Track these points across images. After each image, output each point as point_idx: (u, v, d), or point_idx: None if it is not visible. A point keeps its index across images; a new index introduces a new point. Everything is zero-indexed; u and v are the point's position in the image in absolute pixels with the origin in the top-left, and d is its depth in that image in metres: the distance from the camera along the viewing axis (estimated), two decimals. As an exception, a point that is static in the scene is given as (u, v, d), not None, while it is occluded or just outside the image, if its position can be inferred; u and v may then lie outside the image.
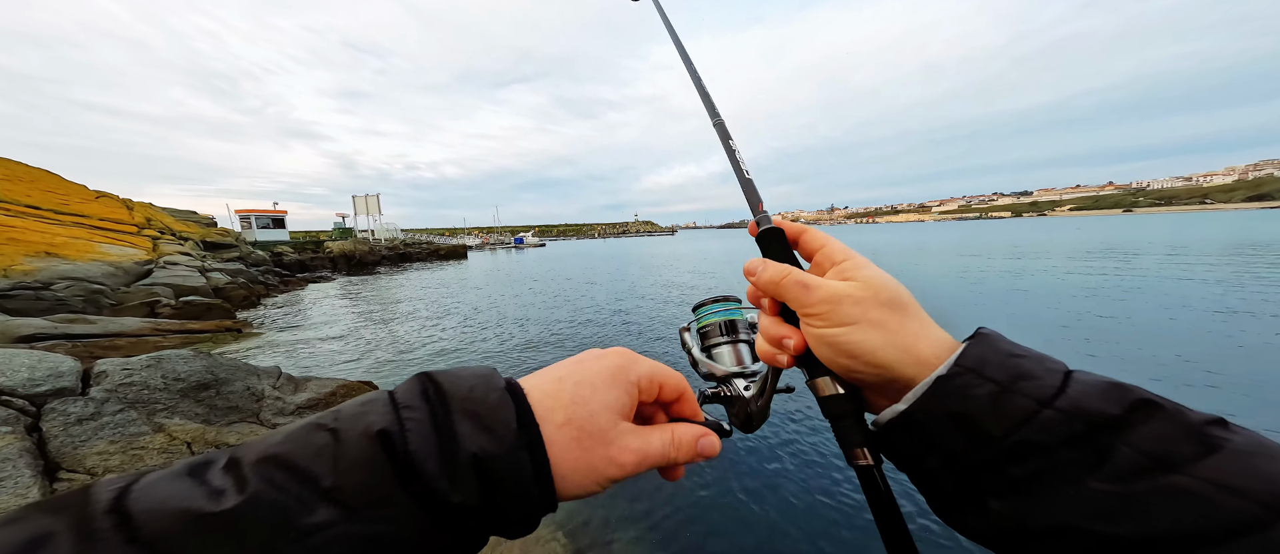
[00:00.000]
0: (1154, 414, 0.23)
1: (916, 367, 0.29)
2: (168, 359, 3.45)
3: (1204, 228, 43.47)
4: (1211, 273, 12.50)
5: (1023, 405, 0.25)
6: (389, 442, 0.22)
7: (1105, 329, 7.09)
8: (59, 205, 17.15)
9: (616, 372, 0.30)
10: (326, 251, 28.71)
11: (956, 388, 0.27)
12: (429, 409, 0.24)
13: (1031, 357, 0.27)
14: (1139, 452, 0.22)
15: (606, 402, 0.28)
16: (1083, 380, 0.25)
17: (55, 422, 2.69)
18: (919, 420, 0.28)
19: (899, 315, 0.30)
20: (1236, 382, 4.81)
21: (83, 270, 10.81)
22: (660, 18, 0.61)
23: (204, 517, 0.18)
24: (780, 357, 0.34)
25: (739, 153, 0.43)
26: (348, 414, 0.24)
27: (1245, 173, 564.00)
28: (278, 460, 0.21)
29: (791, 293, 0.33)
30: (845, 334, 0.30)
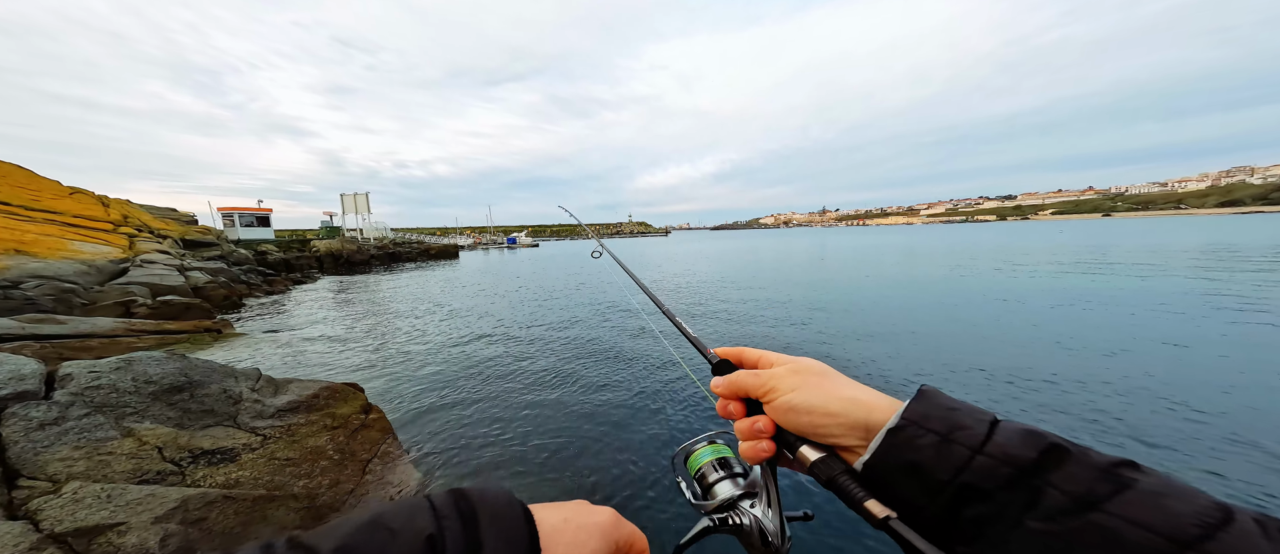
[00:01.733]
0: (1064, 457, 0.26)
1: (865, 411, 0.34)
2: (139, 361, 3.32)
3: (1180, 234, 44.95)
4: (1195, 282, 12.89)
5: (959, 453, 0.28)
6: (433, 545, 0.27)
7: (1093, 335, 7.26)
8: (29, 201, 16.51)
9: (608, 528, 0.36)
10: (313, 251, 28.11)
11: (905, 439, 0.31)
12: (462, 520, 0.29)
13: (964, 408, 0.31)
14: (1062, 492, 0.25)
15: (595, 550, 0.34)
16: (1005, 428, 0.29)
17: (15, 427, 2.56)
18: (879, 471, 0.32)
19: (831, 377, 0.39)
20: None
21: (54, 269, 10.42)
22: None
23: None
24: (761, 444, 0.39)
25: (683, 324, 0.57)
26: (402, 517, 0.29)
27: (1218, 179, 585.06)
28: (350, 550, 0.25)
29: (747, 383, 0.42)
30: (797, 396, 0.38)
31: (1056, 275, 13.90)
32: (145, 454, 2.70)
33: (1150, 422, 4.04)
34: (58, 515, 2.10)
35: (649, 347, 7.17)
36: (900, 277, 15.09)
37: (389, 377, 6.15)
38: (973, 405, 0.32)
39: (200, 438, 2.99)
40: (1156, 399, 4.46)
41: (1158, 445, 3.66)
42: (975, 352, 6.32)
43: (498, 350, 7.36)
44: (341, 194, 38.41)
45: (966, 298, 10.72)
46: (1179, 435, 3.78)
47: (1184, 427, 3.92)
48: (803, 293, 12.33)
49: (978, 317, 8.57)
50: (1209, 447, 3.59)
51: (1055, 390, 4.81)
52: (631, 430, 4.24)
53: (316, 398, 3.81)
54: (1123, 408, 4.32)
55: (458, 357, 7.06)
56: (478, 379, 5.91)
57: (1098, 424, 4.04)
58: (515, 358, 6.88)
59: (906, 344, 6.86)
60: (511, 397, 5.23)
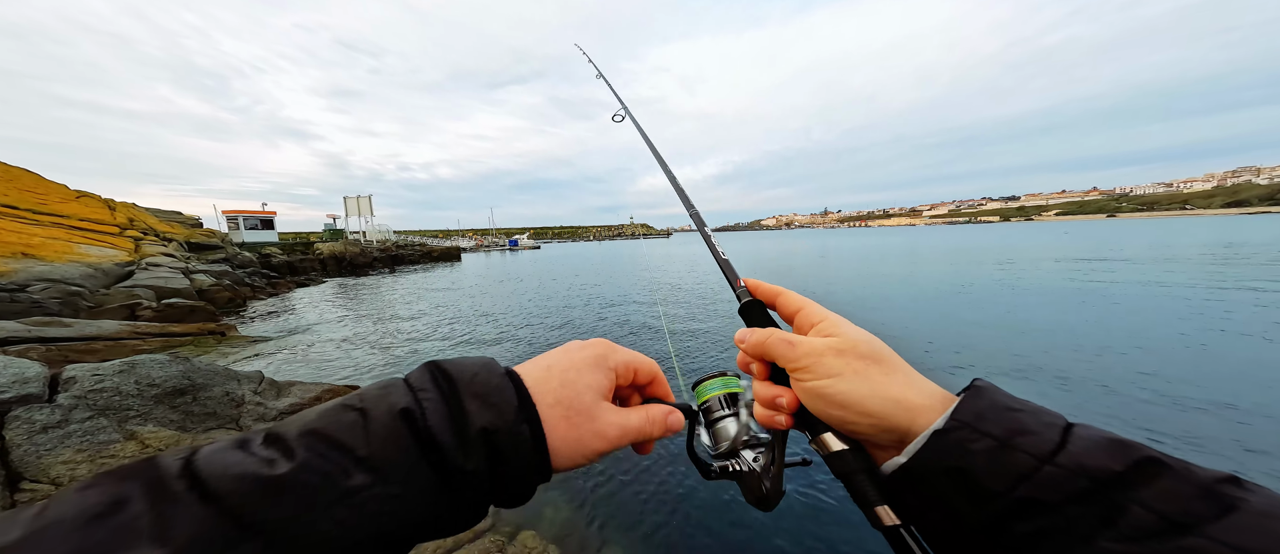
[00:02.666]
0: (1161, 472, 0.23)
1: (909, 415, 0.29)
2: (142, 364, 3.32)
3: (1190, 233, 44.56)
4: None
5: (1021, 461, 0.25)
6: (411, 418, 0.26)
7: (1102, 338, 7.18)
8: (37, 205, 16.68)
9: (598, 359, 0.34)
10: (316, 253, 28.27)
11: (954, 442, 0.27)
12: (440, 391, 0.28)
13: (1029, 410, 0.27)
14: (1152, 511, 0.21)
15: (590, 384, 0.32)
16: (1083, 436, 0.25)
17: (19, 430, 2.56)
18: (918, 474, 0.28)
19: (881, 367, 0.32)
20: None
21: (60, 271, 10.50)
22: (640, 135, 0.70)
23: (264, 479, 0.22)
24: (778, 417, 0.35)
25: (721, 248, 0.49)
26: (372, 396, 0.27)
27: (1224, 179, 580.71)
28: (318, 434, 0.24)
29: (777, 350, 0.35)
30: (831, 385, 0.32)
31: (1078, 274, 13.79)
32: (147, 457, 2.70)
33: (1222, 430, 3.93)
34: (59, 520, 2.10)
35: (653, 341, 7.14)
36: (902, 275, 15.02)
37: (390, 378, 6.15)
38: (1039, 406, 0.27)
39: (202, 441, 2.98)
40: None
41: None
42: (991, 351, 6.26)
43: (500, 350, 7.35)
44: (345, 197, 38.67)
45: (980, 295, 10.65)
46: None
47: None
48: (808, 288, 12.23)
49: (985, 315, 8.51)
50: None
51: (1111, 395, 4.74)
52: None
53: (319, 400, 3.80)
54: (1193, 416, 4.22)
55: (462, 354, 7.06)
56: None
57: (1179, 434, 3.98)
58: (518, 357, 6.86)
59: (931, 339, 6.81)
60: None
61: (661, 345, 7.26)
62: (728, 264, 0.45)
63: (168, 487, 0.21)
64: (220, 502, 0.20)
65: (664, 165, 0.64)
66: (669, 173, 0.63)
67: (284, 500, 0.21)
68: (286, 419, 0.25)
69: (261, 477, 0.22)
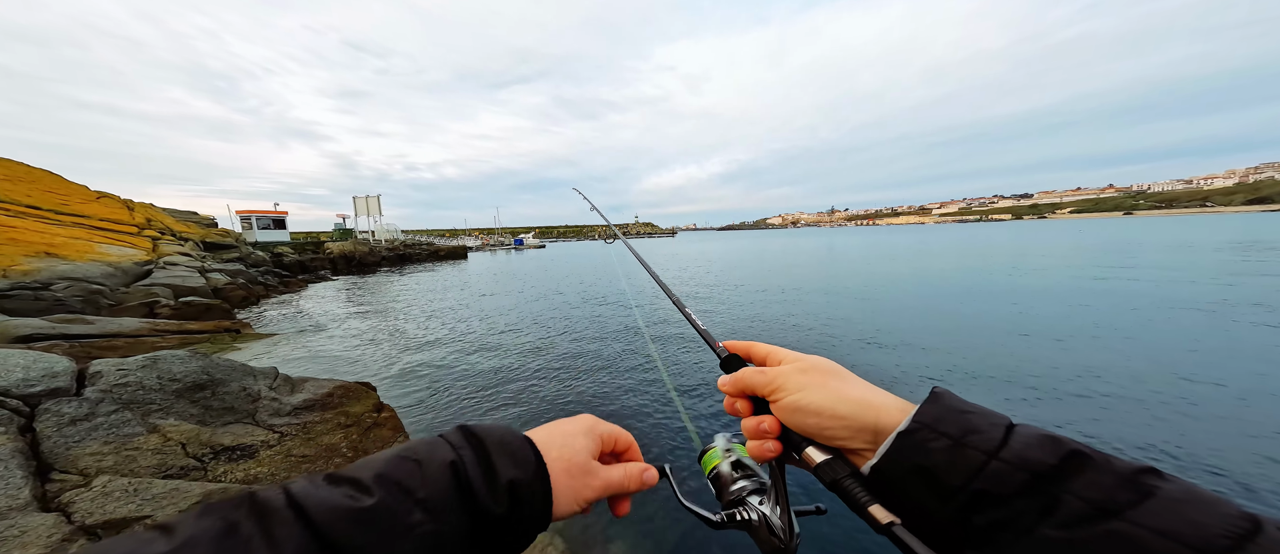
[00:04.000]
0: (1085, 463, 0.26)
1: (873, 413, 0.33)
2: (163, 359, 3.43)
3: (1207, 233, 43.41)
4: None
5: (973, 457, 0.28)
6: (455, 470, 0.32)
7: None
8: (59, 206, 17.16)
9: (588, 429, 0.41)
10: (327, 252, 28.70)
11: (916, 442, 0.30)
12: (474, 450, 0.34)
13: (979, 412, 0.31)
14: (1082, 499, 0.24)
15: (583, 447, 0.39)
16: (1022, 433, 0.28)
17: (49, 422, 2.67)
18: (889, 474, 0.32)
19: (838, 377, 0.38)
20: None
21: (82, 270, 10.81)
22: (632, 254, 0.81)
23: (352, 511, 0.26)
24: (766, 444, 0.39)
25: (693, 315, 0.55)
26: (423, 450, 0.33)
27: (1245, 176, 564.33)
28: (388, 478, 0.29)
29: (753, 381, 0.41)
30: (804, 396, 0.37)
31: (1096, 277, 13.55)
32: (170, 450, 2.80)
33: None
34: (88, 508, 2.19)
35: (655, 347, 7.18)
36: (907, 273, 14.87)
37: (400, 375, 6.25)
38: (988, 409, 0.31)
39: (221, 435, 3.08)
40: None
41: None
42: (988, 354, 6.20)
43: (506, 348, 7.43)
44: (354, 197, 39.18)
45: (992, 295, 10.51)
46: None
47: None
48: (809, 287, 12.23)
49: (993, 316, 8.41)
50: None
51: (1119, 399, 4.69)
52: (640, 419, 4.25)
53: (331, 396, 3.90)
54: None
55: (466, 355, 7.15)
56: (486, 377, 5.98)
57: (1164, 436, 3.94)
58: (522, 355, 6.94)
59: (918, 349, 6.76)
60: (520, 393, 5.29)
61: (668, 352, 7.28)
62: (707, 332, 0.51)
63: (278, 514, 0.25)
64: (318, 527, 0.25)
65: (659, 282, 0.68)
66: (664, 287, 0.66)
67: (366, 529, 0.26)
68: (353, 464, 0.31)
69: (351, 508, 0.26)
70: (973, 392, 4.74)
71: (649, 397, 5.06)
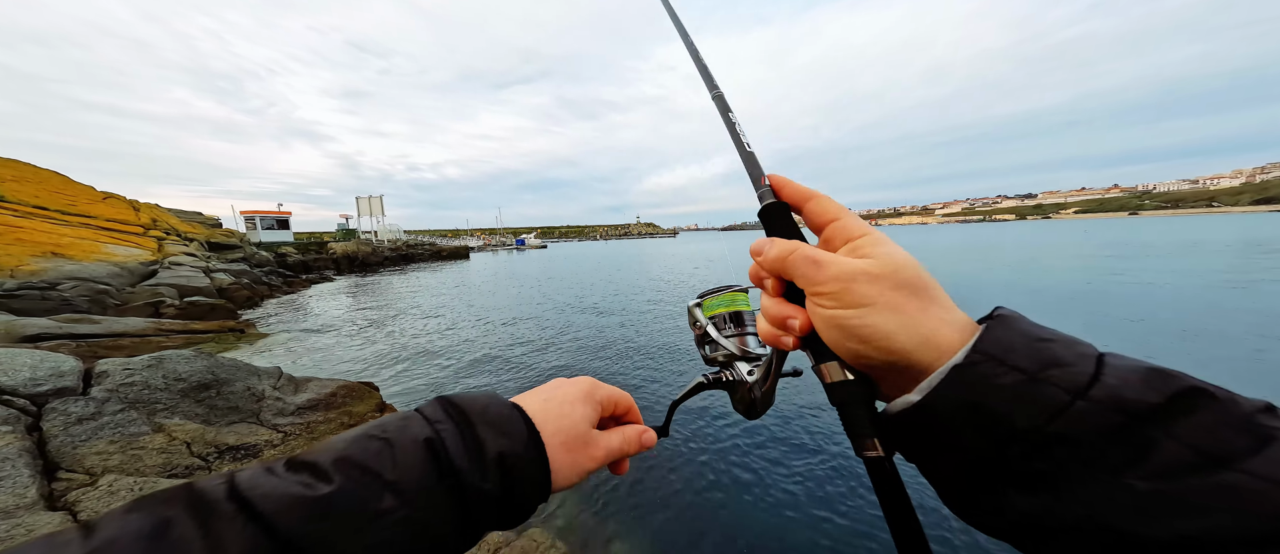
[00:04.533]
0: (1200, 403, 0.21)
1: (936, 354, 0.26)
2: (169, 359, 3.46)
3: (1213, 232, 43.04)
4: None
5: (1053, 396, 0.22)
6: (432, 447, 0.29)
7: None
8: (66, 206, 17.32)
9: (587, 394, 0.38)
10: (330, 253, 28.84)
11: (979, 377, 0.24)
12: (454, 423, 0.31)
13: (1059, 340, 0.24)
14: (1186, 445, 0.20)
15: (583, 414, 0.36)
16: (1118, 366, 0.22)
17: (55, 421, 2.69)
18: (934, 412, 0.25)
19: (920, 298, 0.27)
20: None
21: (88, 271, 10.90)
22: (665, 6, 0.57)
23: (307, 500, 0.23)
24: (785, 338, 0.32)
25: (739, 125, 0.40)
26: (394, 427, 0.30)
27: (1252, 175, 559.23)
28: (351, 461, 0.26)
29: (800, 269, 0.30)
30: (858, 316, 0.27)
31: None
32: (175, 449, 2.81)
33: None
34: (95, 507, 2.21)
35: (654, 339, 7.18)
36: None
37: (403, 375, 6.27)
38: (1069, 336, 0.25)
39: (226, 434, 3.10)
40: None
41: None
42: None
43: (506, 346, 7.44)
44: (357, 197, 39.39)
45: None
46: None
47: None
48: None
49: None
50: None
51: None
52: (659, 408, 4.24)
53: (334, 396, 3.91)
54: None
55: (469, 355, 7.17)
56: (491, 374, 6.00)
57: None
58: (524, 353, 6.95)
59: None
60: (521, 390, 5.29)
61: (650, 366, 7.26)
62: (752, 157, 0.38)
63: (217, 508, 0.22)
64: (268, 521, 0.22)
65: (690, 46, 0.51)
66: (690, 45, 0.50)
67: (325, 520, 0.23)
68: (312, 447, 0.28)
69: (305, 498, 0.23)
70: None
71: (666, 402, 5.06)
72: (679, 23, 0.52)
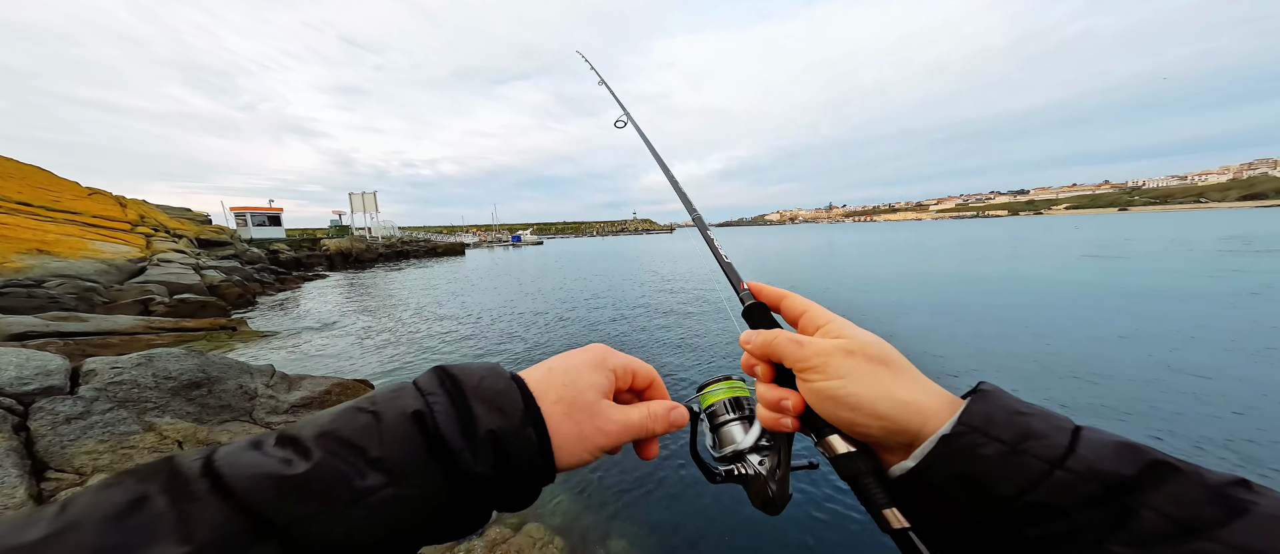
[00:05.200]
0: (1170, 475, 0.23)
1: (920, 418, 0.29)
2: (159, 357, 3.41)
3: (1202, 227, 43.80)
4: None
5: (1032, 466, 0.25)
6: (422, 421, 0.27)
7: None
8: (51, 202, 16.97)
9: (597, 360, 0.34)
10: (323, 249, 28.54)
11: (963, 447, 0.27)
12: (448, 395, 0.28)
13: (1037, 413, 0.27)
14: (1162, 515, 0.22)
15: (591, 382, 0.33)
16: (1093, 439, 0.25)
17: (43, 421, 2.65)
18: (927, 479, 0.28)
19: (890, 369, 0.32)
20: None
21: (75, 268, 10.70)
22: (642, 140, 0.72)
23: (283, 478, 0.22)
24: (783, 420, 0.34)
25: (717, 241, 0.49)
26: (383, 399, 0.28)
27: (1240, 172, 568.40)
28: (333, 436, 0.25)
29: (785, 350, 0.34)
30: (841, 386, 0.31)
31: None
32: (166, 448, 2.78)
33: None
34: (85, 506, 2.18)
35: (653, 338, 7.19)
36: (911, 271, 14.94)
37: (397, 372, 6.24)
38: (1047, 410, 0.27)
39: (218, 433, 3.07)
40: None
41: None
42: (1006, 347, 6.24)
43: (504, 344, 7.43)
44: (350, 193, 38.91)
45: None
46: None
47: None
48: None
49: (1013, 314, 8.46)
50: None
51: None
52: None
53: (328, 394, 3.88)
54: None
55: (464, 352, 7.14)
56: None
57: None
58: (521, 351, 6.94)
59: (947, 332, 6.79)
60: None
61: (651, 345, 7.29)
62: (730, 266, 0.44)
63: (189, 486, 0.21)
64: (240, 500, 0.21)
65: (664, 167, 0.67)
66: (669, 173, 0.65)
67: (303, 499, 0.22)
68: (300, 420, 0.26)
69: (281, 476, 0.22)
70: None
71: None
72: (657, 156, 0.64)
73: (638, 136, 0.80)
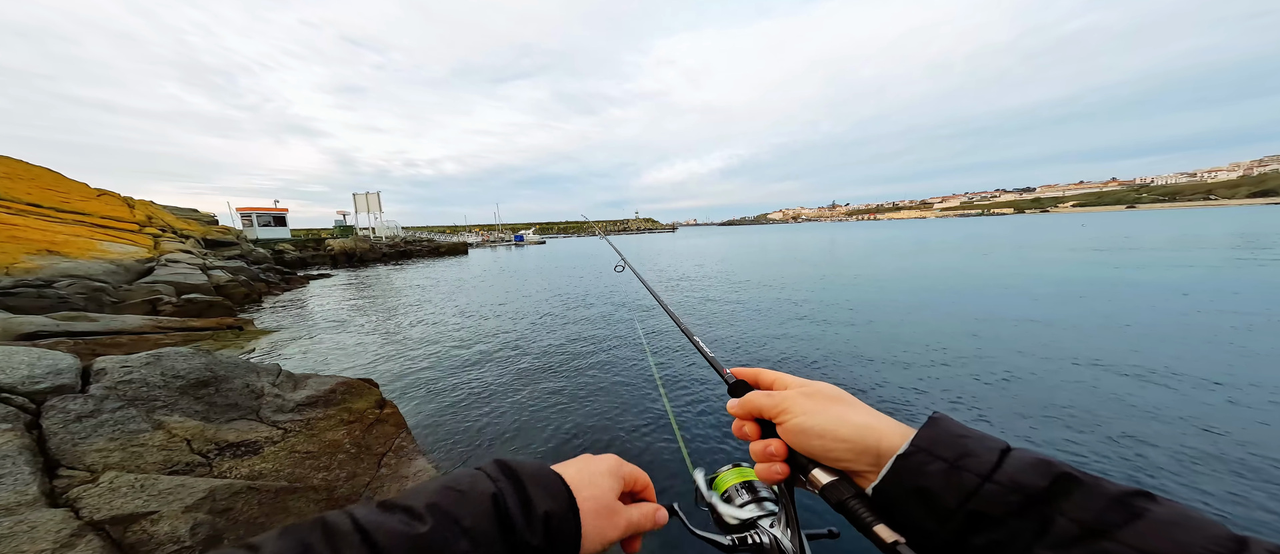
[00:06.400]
0: (1074, 485, 0.27)
1: (876, 436, 0.35)
2: (167, 356, 3.45)
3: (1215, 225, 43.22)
4: (1215, 269, 12.39)
5: (968, 480, 0.29)
6: (497, 502, 0.33)
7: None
8: (60, 203, 17.18)
9: (615, 469, 0.43)
10: (328, 250, 28.72)
11: (914, 465, 0.32)
12: (511, 482, 0.35)
13: (974, 436, 0.32)
14: (1073, 521, 0.25)
15: (610, 485, 0.41)
16: (1017, 457, 0.30)
17: (55, 419, 2.69)
18: (890, 495, 0.33)
19: (843, 404, 0.39)
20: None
21: (84, 268, 10.83)
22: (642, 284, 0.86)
23: (412, 537, 0.28)
24: (774, 466, 0.41)
25: (701, 343, 0.60)
26: (465, 481, 0.34)
27: (1250, 168, 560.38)
28: (438, 507, 0.31)
29: (761, 403, 0.42)
30: (808, 419, 0.38)
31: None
32: (175, 446, 2.82)
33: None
34: (96, 504, 2.22)
35: (651, 344, 7.20)
36: (909, 268, 14.84)
37: (402, 371, 6.28)
38: (984, 434, 0.32)
39: (226, 431, 3.11)
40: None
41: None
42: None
43: (506, 345, 7.46)
44: (354, 193, 39.11)
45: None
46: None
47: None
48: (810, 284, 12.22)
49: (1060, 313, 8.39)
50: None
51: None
52: (639, 422, 4.27)
53: (334, 393, 3.92)
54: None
55: (468, 351, 7.18)
56: (488, 373, 6.00)
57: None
58: (523, 352, 6.97)
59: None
60: (521, 391, 5.31)
61: (666, 354, 7.28)
62: (714, 360, 0.54)
63: (345, 537, 0.27)
64: (382, 550, 0.27)
65: (671, 314, 0.78)
66: (662, 302, 0.79)
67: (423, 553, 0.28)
68: (406, 491, 0.33)
69: (409, 535, 0.28)
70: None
71: (649, 415, 5.08)
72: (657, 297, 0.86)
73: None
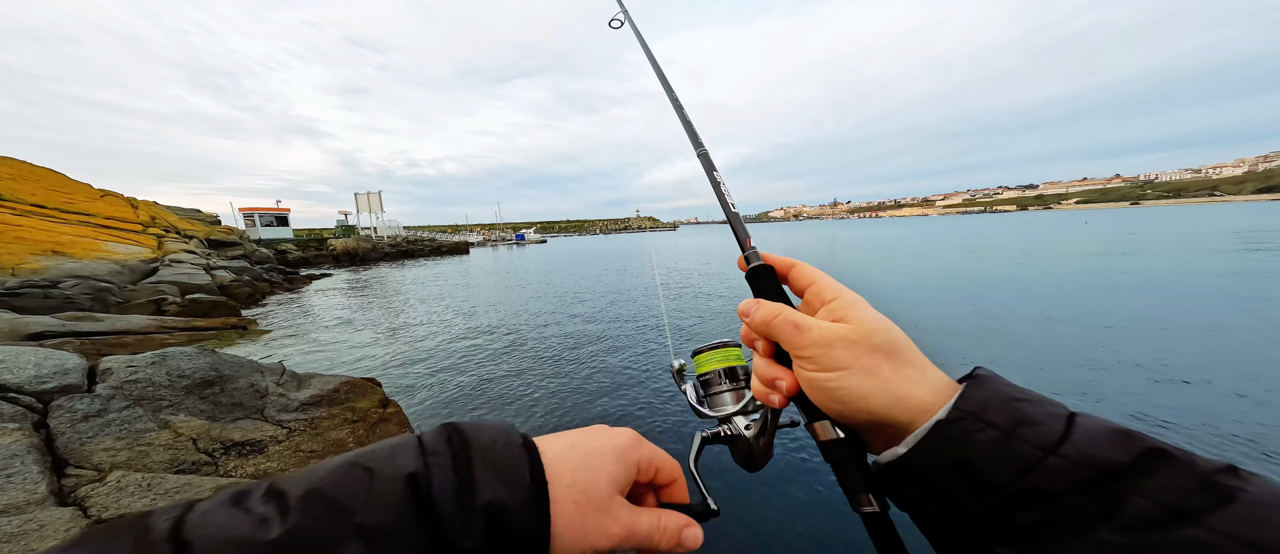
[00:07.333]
0: (1164, 463, 0.23)
1: (910, 415, 0.29)
2: (172, 356, 3.48)
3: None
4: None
5: (1026, 452, 0.24)
6: (416, 484, 0.24)
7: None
8: (65, 204, 17.28)
9: (623, 450, 0.31)
10: (330, 249, 28.83)
11: (957, 433, 0.26)
12: (453, 457, 0.26)
13: (1032, 400, 0.27)
14: (1152, 501, 0.22)
15: (610, 474, 0.30)
16: (1087, 426, 0.25)
17: (62, 418, 2.71)
18: (919, 465, 0.28)
19: (893, 361, 0.30)
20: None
21: (89, 269, 10.89)
22: (640, 45, 0.66)
23: (254, 544, 0.20)
24: (773, 397, 0.34)
25: (725, 185, 0.44)
26: (383, 455, 0.26)
27: (1255, 164, 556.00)
28: (319, 494, 0.23)
29: (784, 333, 0.33)
30: (836, 379, 0.30)
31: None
32: (181, 445, 2.84)
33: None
34: (104, 502, 2.24)
35: (650, 336, 7.20)
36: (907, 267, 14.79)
37: (405, 370, 6.30)
38: (1041, 396, 0.27)
39: (231, 430, 3.13)
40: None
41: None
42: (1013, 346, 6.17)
43: (507, 342, 7.47)
44: (356, 193, 39.25)
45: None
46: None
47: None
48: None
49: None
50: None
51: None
52: (643, 414, 4.28)
53: (337, 392, 3.94)
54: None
55: (469, 349, 7.20)
56: (490, 370, 6.02)
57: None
58: (524, 348, 6.98)
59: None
60: (523, 386, 5.32)
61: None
62: (738, 217, 0.42)
63: (154, 550, 0.20)
64: None
65: (661, 75, 0.62)
66: (666, 84, 0.59)
67: None
68: (299, 471, 0.25)
69: (250, 542, 0.20)
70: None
71: (672, 417, 5.08)
72: (666, 83, 0.59)
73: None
